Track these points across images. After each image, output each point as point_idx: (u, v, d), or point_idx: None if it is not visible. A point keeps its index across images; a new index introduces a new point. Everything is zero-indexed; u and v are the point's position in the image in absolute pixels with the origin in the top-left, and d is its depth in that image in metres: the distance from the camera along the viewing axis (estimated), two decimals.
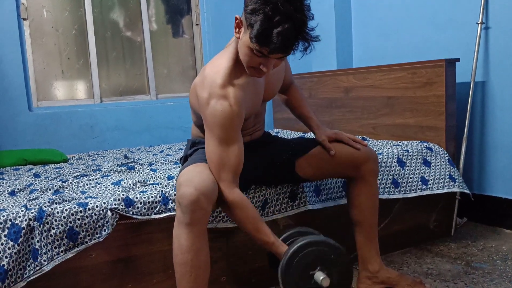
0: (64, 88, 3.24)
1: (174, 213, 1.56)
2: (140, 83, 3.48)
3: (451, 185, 2.14)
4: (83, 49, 3.26)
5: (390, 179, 2.03)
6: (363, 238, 1.69)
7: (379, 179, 2.00)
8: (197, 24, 3.61)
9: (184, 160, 1.69)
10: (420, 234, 2.20)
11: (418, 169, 2.11)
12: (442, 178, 2.14)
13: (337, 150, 1.65)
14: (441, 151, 2.20)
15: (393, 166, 2.06)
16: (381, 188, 2.00)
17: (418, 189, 2.08)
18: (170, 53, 3.58)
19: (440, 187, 2.12)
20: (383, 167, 2.04)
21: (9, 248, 1.35)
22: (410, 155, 2.13)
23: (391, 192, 2.01)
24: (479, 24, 2.30)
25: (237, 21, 1.36)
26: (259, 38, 1.26)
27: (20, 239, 1.37)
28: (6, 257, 1.34)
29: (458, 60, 2.22)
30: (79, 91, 3.29)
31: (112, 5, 3.36)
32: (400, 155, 2.11)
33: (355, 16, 3.18)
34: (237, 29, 1.37)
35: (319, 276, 1.38)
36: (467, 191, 2.18)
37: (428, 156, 2.16)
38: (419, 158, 2.14)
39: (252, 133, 1.66)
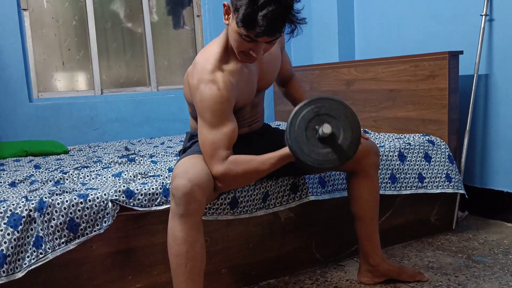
0: (65, 79, 3.22)
1: None
2: (141, 75, 3.46)
3: (445, 185, 2.13)
4: (84, 40, 3.24)
5: (388, 173, 2.02)
6: (363, 232, 1.69)
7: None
8: (198, 16, 3.58)
9: (183, 153, 1.68)
10: (421, 227, 2.20)
11: (418, 165, 2.10)
12: (438, 177, 2.13)
13: None
14: (443, 145, 2.18)
15: (393, 160, 2.05)
16: (379, 183, 1.99)
17: (414, 186, 2.07)
18: (171, 45, 3.56)
19: (435, 186, 2.11)
20: (383, 160, 2.03)
21: (8, 234, 1.33)
22: (412, 149, 2.11)
23: (387, 187, 2.01)
24: (483, 16, 2.28)
25: (225, 7, 1.36)
26: (244, 22, 1.27)
27: (20, 227, 1.35)
28: (5, 242, 1.32)
29: (461, 52, 2.20)
30: (79, 82, 3.27)
31: None
32: (402, 148, 2.10)
33: (357, 8, 3.16)
34: (226, 16, 1.37)
35: (322, 127, 1.29)
36: (462, 191, 2.18)
37: (430, 150, 2.15)
38: (421, 152, 2.13)
39: (250, 124, 1.65)
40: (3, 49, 2.85)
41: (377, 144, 2.19)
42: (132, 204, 1.51)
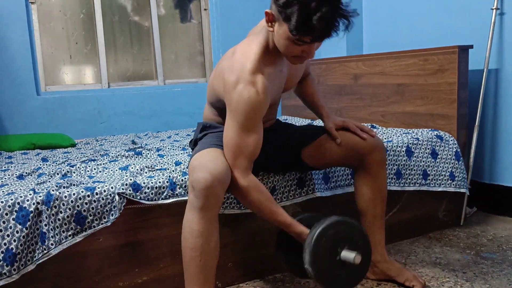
0: (72, 72, 3.23)
1: (181, 198, 1.56)
2: (148, 69, 3.46)
3: (448, 184, 2.11)
4: (91, 33, 3.24)
5: (394, 169, 2.01)
6: (366, 228, 1.67)
7: None
8: (205, 9, 3.57)
9: (194, 144, 1.67)
10: (429, 223, 2.18)
11: (423, 161, 2.08)
12: (442, 175, 2.11)
13: (343, 140, 1.62)
14: (451, 140, 2.16)
15: (400, 156, 2.03)
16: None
17: (418, 183, 2.06)
18: (178, 38, 3.55)
19: (437, 184, 2.10)
20: (390, 155, 2.01)
21: (17, 232, 1.35)
22: (419, 144, 2.10)
23: (391, 183, 1.99)
24: (494, 10, 2.25)
25: (268, 16, 1.33)
26: (300, 28, 1.24)
27: (28, 223, 1.37)
28: (14, 241, 1.34)
29: (471, 46, 2.17)
30: (86, 76, 3.27)
31: None
32: (410, 143, 2.08)
33: (365, 2, 3.13)
34: (269, 24, 1.34)
35: (350, 254, 1.36)
36: (464, 190, 2.15)
37: (437, 146, 2.13)
38: (428, 148, 2.11)
39: (265, 121, 1.63)
40: (11, 42, 2.86)
41: (385, 139, 2.17)
42: (139, 197, 1.52)
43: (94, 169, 1.82)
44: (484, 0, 2.33)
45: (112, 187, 1.49)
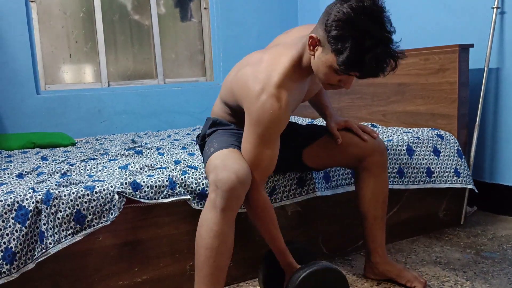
0: (72, 71, 3.23)
1: (181, 197, 1.56)
2: (148, 68, 3.46)
3: (454, 180, 2.11)
4: (91, 32, 3.24)
5: (396, 168, 2.00)
6: (366, 229, 1.68)
7: None
8: (205, 8, 3.56)
9: (202, 139, 1.65)
10: (429, 222, 2.18)
11: (426, 159, 2.08)
12: (447, 172, 2.10)
13: (344, 141, 1.62)
14: (452, 139, 2.16)
15: (401, 155, 2.03)
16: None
17: (422, 181, 2.05)
18: (178, 37, 3.55)
19: (443, 181, 2.09)
20: (391, 154, 2.01)
21: (16, 231, 1.35)
22: (420, 143, 2.09)
23: (394, 182, 1.99)
24: (495, 9, 2.24)
25: (312, 40, 1.30)
26: (350, 65, 1.23)
27: (28, 222, 1.37)
28: (14, 240, 1.34)
29: (472, 45, 2.17)
30: (86, 74, 3.27)
31: None
32: (411, 142, 2.07)
33: None
34: (311, 47, 1.32)
35: None
36: (471, 186, 2.15)
37: (438, 144, 2.13)
38: (429, 146, 2.10)
39: None
40: (10, 41, 2.85)
41: (385, 138, 2.17)
42: (138, 196, 1.51)
43: (94, 168, 1.81)
44: None
45: (111, 186, 1.49)
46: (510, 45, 2.26)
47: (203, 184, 1.59)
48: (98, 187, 1.47)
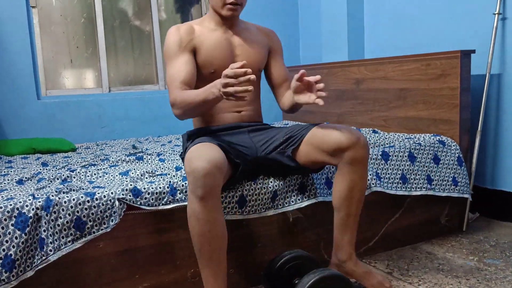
0: (73, 77, 3.22)
1: (182, 204, 1.55)
2: (149, 73, 3.46)
3: (451, 189, 2.10)
4: (92, 38, 3.24)
5: (399, 174, 2.00)
6: (338, 224, 1.64)
7: (388, 173, 1.96)
8: (206, 14, 3.56)
9: (184, 153, 1.68)
10: (431, 229, 2.16)
11: (426, 166, 2.07)
12: (445, 180, 2.10)
13: (324, 136, 1.58)
14: (453, 145, 2.15)
15: (403, 161, 2.02)
16: (390, 183, 1.96)
17: (424, 188, 2.04)
18: None
19: (442, 189, 2.08)
20: (393, 160, 2.00)
21: (16, 238, 1.34)
22: (422, 149, 2.08)
23: (398, 188, 1.98)
24: (496, 15, 2.24)
25: None
26: None
27: (28, 229, 1.36)
28: (13, 247, 1.33)
29: (473, 51, 2.17)
30: (87, 80, 3.27)
31: None
32: (412, 148, 2.07)
33: (367, 6, 3.13)
34: None
35: None
36: (467, 196, 2.14)
37: (439, 152, 2.12)
38: (430, 153, 2.09)
39: (240, 111, 1.76)
40: (11, 46, 2.85)
41: (387, 143, 2.16)
42: (139, 203, 1.50)
43: (94, 174, 1.80)
44: (486, 5, 2.33)
45: (112, 193, 1.48)
46: (511, 51, 2.26)
47: None
48: (98, 193, 1.47)
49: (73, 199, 1.42)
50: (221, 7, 1.66)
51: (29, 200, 1.39)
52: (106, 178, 1.73)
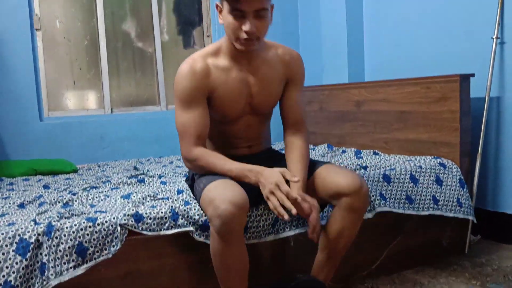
0: (75, 98, 3.25)
1: (184, 229, 1.55)
2: (151, 94, 3.48)
3: (457, 210, 2.10)
4: (95, 59, 3.27)
5: (404, 195, 2.00)
6: (317, 262, 1.65)
7: (393, 194, 1.96)
8: (208, 36, 3.61)
9: (191, 180, 1.68)
10: (433, 251, 2.15)
11: (430, 187, 2.07)
12: (451, 201, 2.10)
13: (325, 181, 1.56)
14: (454, 168, 2.15)
15: (406, 182, 2.02)
16: (396, 203, 1.96)
17: (431, 207, 2.04)
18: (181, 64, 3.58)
19: (448, 210, 2.08)
20: (396, 183, 2.00)
21: (16, 263, 1.33)
22: (423, 172, 2.09)
23: (405, 207, 1.98)
24: (494, 39, 2.27)
25: (217, 8, 1.52)
26: None
27: (29, 254, 1.35)
28: (13, 272, 1.32)
29: (473, 75, 2.19)
30: (90, 101, 3.29)
31: (124, 15, 3.37)
32: (413, 171, 2.07)
33: (367, 29, 3.16)
34: (220, 15, 1.51)
35: None
36: (471, 218, 2.14)
37: (441, 174, 2.12)
38: (432, 176, 2.10)
39: (250, 146, 1.71)
40: (15, 68, 2.88)
41: (388, 166, 2.16)
42: (141, 228, 1.50)
43: (96, 197, 1.80)
44: (484, 29, 2.36)
45: (114, 218, 1.48)
46: (510, 75, 2.28)
47: (205, 215, 1.58)
48: (100, 218, 1.47)
49: (75, 225, 1.42)
50: (235, 40, 1.49)
51: (31, 226, 1.39)
52: (107, 202, 1.73)
